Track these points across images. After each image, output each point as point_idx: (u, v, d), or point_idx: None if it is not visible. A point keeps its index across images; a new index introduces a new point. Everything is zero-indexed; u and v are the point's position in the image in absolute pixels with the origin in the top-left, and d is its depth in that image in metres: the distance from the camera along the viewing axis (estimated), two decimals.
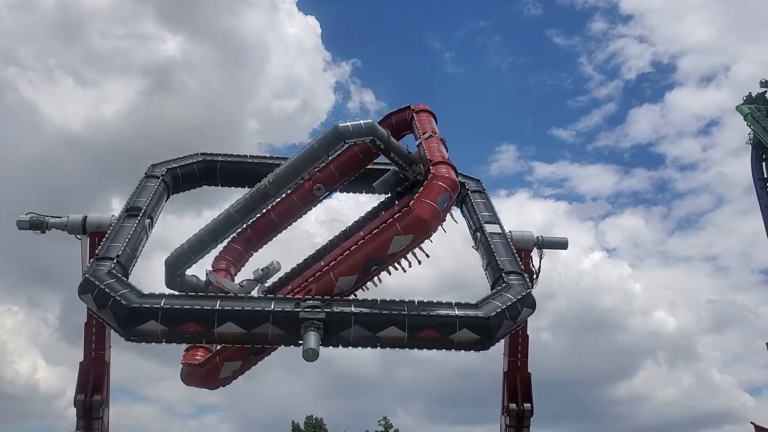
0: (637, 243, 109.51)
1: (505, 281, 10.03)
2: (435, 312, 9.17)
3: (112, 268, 9.58)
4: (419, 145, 11.23)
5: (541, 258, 12.49)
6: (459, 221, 11.90)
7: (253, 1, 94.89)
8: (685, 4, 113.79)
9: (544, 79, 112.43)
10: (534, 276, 12.14)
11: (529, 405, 12.57)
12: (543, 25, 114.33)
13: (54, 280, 62.20)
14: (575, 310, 76.76)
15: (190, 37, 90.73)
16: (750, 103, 58.89)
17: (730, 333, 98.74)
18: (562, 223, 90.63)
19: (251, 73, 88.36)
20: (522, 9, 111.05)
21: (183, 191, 12.76)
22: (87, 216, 11.85)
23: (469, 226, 12.05)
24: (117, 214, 11.30)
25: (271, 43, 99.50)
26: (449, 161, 10.64)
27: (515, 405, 12.56)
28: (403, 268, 10.33)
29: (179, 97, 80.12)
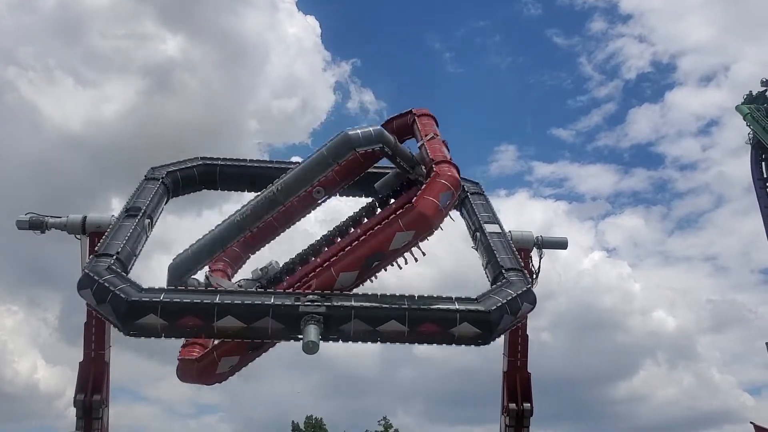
0: (636, 243, 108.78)
1: (506, 277, 10.06)
2: (435, 306, 9.19)
3: (112, 264, 9.59)
4: (421, 147, 11.25)
5: (540, 258, 12.50)
6: (458, 221, 11.92)
7: (253, 1, 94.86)
8: (685, 4, 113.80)
9: (543, 79, 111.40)
10: (534, 276, 12.11)
11: (528, 405, 12.55)
12: (543, 25, 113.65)
13: (54, 280, 61.93)
14: (575, 309, 76.15)
15: (190, 37, 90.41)
16: (750, 101, 58.49)
17: (729, 333, 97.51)
18: (562, 223, 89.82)
19: (251, 73, 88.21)
20: (522, 9, 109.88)
21: (183, 194, 12.79)
22: (87, 216, 11.84)
23: (469, 226, 12.07)
24: (117, 214, 11.32)
25: (270, 43, 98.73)
26: (451, 161, 10.68)
27: (515, 405, 12.54)
28: (399, 266, 10.31)
29: (179, 97, 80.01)
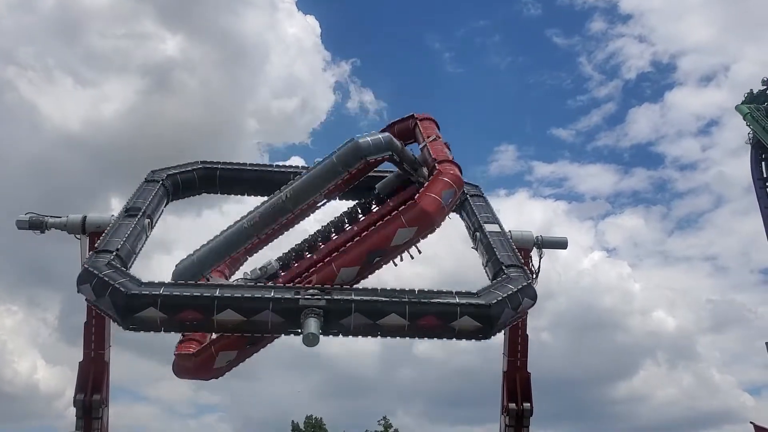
0: (636, 243, 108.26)
1: (506, 273, 10.06)
2: (436, 300, 9.17)
3: (111, 260, 9.59)
4: (423, 148, 11.32)
5: (540, 257, 12.51)
6: (458, 221, 11.95)
7: (252, 0, 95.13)
8: (685, 4, 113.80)
9: (543, 78, 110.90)
10: (534, 275, 12.04)
11: (528, 405, 12.56)
12: (542, 25, 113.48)
13: (53, 280, 61.78)
14: (575, 309, 75.91)
15: (190, 37, 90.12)
16: (751, 101, 58.41)
17: (729, 333, 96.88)
18: (562, 222, 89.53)
19: (251, 72, 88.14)
20: (521, 9, 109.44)
21: (183, 198, 12.80)
22: (86, 216, 11.85)
23: (468, 227, 12.09)
24: (116, 214, 11.33)
25: (270, 43, 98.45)
26: (454, 161, 10.76)
27: (515, 405, 12.54)
28: (394, 263, 10.33)
29: (179, 97, 79.93)
